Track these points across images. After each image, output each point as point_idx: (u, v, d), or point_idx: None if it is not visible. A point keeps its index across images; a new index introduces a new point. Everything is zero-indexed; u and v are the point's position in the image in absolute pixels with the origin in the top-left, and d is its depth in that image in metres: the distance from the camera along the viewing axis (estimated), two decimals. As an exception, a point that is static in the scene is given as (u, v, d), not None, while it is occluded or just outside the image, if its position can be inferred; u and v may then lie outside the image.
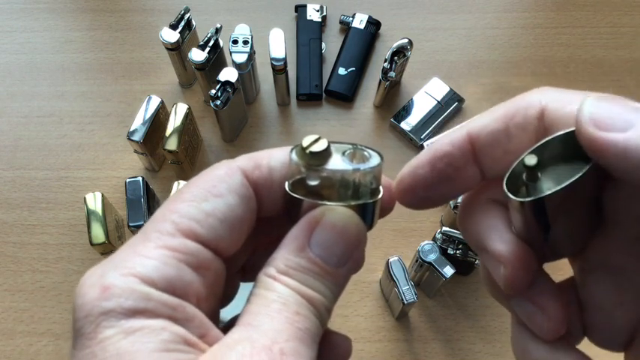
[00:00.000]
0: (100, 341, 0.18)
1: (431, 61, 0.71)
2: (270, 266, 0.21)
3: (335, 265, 0.21)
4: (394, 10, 0.74)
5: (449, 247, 0.54)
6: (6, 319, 0.58)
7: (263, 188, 0.23)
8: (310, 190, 0.22)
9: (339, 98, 0.69)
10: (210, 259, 0.21)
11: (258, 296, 0.21)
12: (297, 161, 0.22)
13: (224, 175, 0.22)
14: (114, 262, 0.20)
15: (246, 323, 0.20)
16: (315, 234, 0.21)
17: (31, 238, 0.61)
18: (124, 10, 0.75)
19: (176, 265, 0.20)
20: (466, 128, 0.23)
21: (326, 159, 0.22)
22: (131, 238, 0.21)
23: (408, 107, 0.67)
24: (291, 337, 0.19)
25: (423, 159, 0.23)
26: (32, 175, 0.65)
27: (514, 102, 0.22)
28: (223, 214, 0.21)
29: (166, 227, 0.21)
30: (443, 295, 0.59)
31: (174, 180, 0.57)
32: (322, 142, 0.22)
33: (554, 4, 0.75)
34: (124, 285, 0.19)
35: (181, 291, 0.20)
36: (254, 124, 0.68)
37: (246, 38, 0.62)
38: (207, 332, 0.20)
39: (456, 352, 0.57)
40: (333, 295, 0.22)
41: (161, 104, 0.60)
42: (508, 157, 0.22)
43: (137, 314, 0.19)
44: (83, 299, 0.20)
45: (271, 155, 0.23)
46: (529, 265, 0.22)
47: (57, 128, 0.67)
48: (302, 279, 0.21)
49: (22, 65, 0.71)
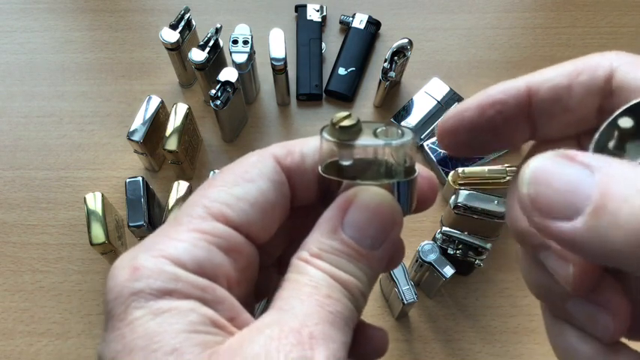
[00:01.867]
0: (130, 322, 0.18)
1: (431, 61, 0.71)
2: (302, 250, 0.21)
3: (369, 247, 0.21)
4: (394, 10, 0.74)
5: (449, 247, 0.54)
6: (6, 319, 0.58)
7: (296, 174, 0.23)
8: (343, 172, 0.22)
9: (339, 98, 0.69)
10: (241, 243, 0.21)
11: (290, 280, 0.20)
12: (329, 138, 0.21)
13: (256, 161, 0.22)
14: (145, 245, 0.20)
15: (277, 307, 0.19)
16: (348, 215, 0.21)
17: (31, 238, 0.61)
18: (124, 10, 0.75)
19: (206, 247, 0.20)
20: (526, 79, 0.22)
21: (357, 134, 0.21)
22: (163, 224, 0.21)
23: (408, 107, 0.67)
24: (322, 321, 0.19)
25: (472, 102, 0.22)
26: (32, 175, 0.65)
27: (582, 60, 0.21)
28: (254, 199, 0.21)
29: (197, 211, 0.21)
30: (443, 295, 0.59)
31: (174, 180, 0.57)
32: (352, 118, 0.21)
33: (554, 4, 0.75)
34: (153, 266, 0.19)
35: (211, 273, 0.20)
36: (254, 124, 0.68)
37: (246, 38, 0.62)
38: (237, 316, 0.20)
39: (456, 352, 0.57)
40: (368, 279, 0.21)
41: (161, 104, 0.60)
42: (565, 116, 0.21)
43: (166, 295, 0.19)
44: (114, 281, 0.19)
45: (304, 142, 0.23)
46: None
47: (57, 128, 0.67)
48: (335, 262, 0.20)
49: (22, 65, 0.71)
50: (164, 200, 0.57)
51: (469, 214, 0.54)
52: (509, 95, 0.22)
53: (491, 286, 0.59)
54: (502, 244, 0.60)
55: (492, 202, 0.53)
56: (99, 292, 0.59)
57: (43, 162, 0.65)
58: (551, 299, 0.23)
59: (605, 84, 0.20)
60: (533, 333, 0.57)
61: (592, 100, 0.21)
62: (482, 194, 0.54)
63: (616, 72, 0.20)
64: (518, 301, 0.58)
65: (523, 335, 0.57)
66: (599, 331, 0.21)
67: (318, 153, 0.23)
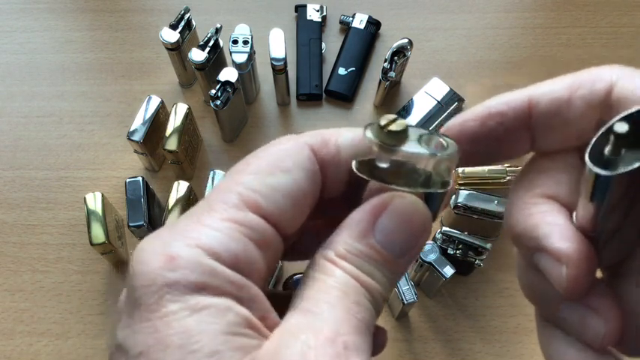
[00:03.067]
0: (164, 315, 0.18)
1: (431, 61, 0.71)
2: (328, 249, 0.20)
3: (397, 255, 0.21)
4: (394, 10, 0.74)
5: (449, 247, 0.54)
6: (6, 319, 0.58)
7: (329, 166, 0.22)
8: (377, 172, 0.21)
9: (339, 98, 0.69)
10: (272, 236, 0.20)
11: (316, 280, 0.20)
12: (373, 139, 0.20)
13: (291, 149, 0.22)
14: (177, 230, 0.20)
15: (305, 309, 0.19)
16: (381, 220, 0.20)
17: (31, 238, 0.61)
18: (124, 10, 0.75)
19: (242, 240, 0.19)
20: (527, 92, 0.22)
21: (402, 140, 0.20)
22: (193, 207, 0.21)
23: (408, 107, 0.67)
24: (353, 330, 0.19)
25: (475, 113, 0.22)
26: (32, 175, 0.65)
27: (582, 73, 0.21)
28: (289, 190, 0.21)
29: (232, 199, 0.20)
30: (443, 295, 0.59)
31: (174, 180, 0.57)
32: (401, 122, 0.20)
33: (554, 4, 0.75)
34: (189, 256, 0.18)
35: (246, 269, 0.19)
36: (254, 124, 0.68)
37: (246, 38, 0.62)
38: (268, 315, 0.19)
39: (456, 352, 0.57)
40: (391, 284, 0.21)
41: (161, 104, 0.60)
42: (565, 129, 0.21)
43: (202, 290, 0.18)
44: (146, 267, 0.18)
45: (340, 133, 0.23)
46: (593, 264, 0.20)
47: (57, 128, 0.67)
48: (362, 266, 0.20)
49: (22, 65, 0.71)
50: (164, 200, 0.57)
51: (469, 214, 0.54)
52: (510, 108, 0.22)
53: (491, 286, 0.59)
54: (502, 244, 0.60)
55: (492, 202, 0.53)
56: (99, 292, 0.59)
57: (43, 162, 0.65)
58: (543, 302, 0.23)
59: (604, 97, 0.20)
60: (533, 333, 0.56)
61: (592, 113, 0.21)
62: (482, 194, 0.54)
63: (616, 85, 0.20)
64: (518, 301, 0.58)
65: (523, 335, 0.57)
66: (590, 337, 0.21)
67: (353, 147, 0.22)
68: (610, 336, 0.20)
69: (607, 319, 0.20)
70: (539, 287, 0.22)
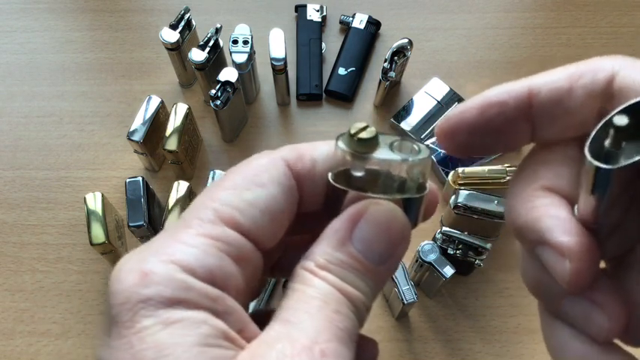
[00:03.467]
0: (138, 331, 0.18)
1: (431, 61, 0.71)
2: (308, 260, 0.21)
3: (377, 262, 0.20)
4: (394, 10, 0.74)
5: (449, 247, 0.54)
6: (6, 319, 0.58)
7: (305, 180, 0.22)
8: (354, 182, 0.21)
9: (339, 98, 0.69)
10: (250, 251, 0.21)
11: (296, 291, 0.20)
12: (344, 149, 0.21)
13: (267, 165, 0.22)
14: (153, 247, 0.20)
15: (285, 320, 0.19)
16: (358, 228, 0.20)
17: (31, 238, 0.61)
18: (124, 10, 0.75)
19: (217, 255, 0.19)
20: (527, 81, 0.22)
21: (374, 147, 0.21)
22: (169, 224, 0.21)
23: (408, 107, 0.67)
24: (332, 338, 0.19)
25: (474, 103, 0.22)
26: (32, 175, 0.65)
27: (583, 63, 0.21)
28: (265, 205, 0.21)
29: (207, 215, 0.20)
30: (443, 295, 0.59)
31: (174, 180, 0.56)
32: (370, 130, 0.21)
33: (554, 4, 0.75)
34: (163, 272, 0.19)
35: (222, 282, 0.19)
36: (254, 124, 0.68)
37: (246, 38, 0.62)
38: (245, 327, 0.19)
39: (456, 352, 0.57)
40: (373, 293, 0.21)
41: (161, 104, 0.60)
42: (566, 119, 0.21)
43: (176, 304, 0.18)
44: (121, 285, 0.19)
45: (315, 147, 0.23)
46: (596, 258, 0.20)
47: (57, 128, 0.67)
48: (342, 275, 0.20)
49: (22, 65, 0.71)
50: (164, 200, 0.57)
51: (469, 214, 0.54)
52: (510, 97, 0.21)
53: (491, 286, 0.59)
54: (502, 244, 0.60)
55: (492, 202, 0.53)
56: (99, 292, 0.59)
57: (43, 162, 0.65)
58: (547, 297, 0.23)
59: (606, 87, 0.20)
60: (533, 333, 0.57)
61: (593, 104, 0.21)
62: (482, 194, 0.54)
63: (617, 75, 0.20)
64: (518, 301, 0.58)
65: (523, 335, 0.57)
66: (594, 330, 0.21)
67: (329, 160, 0.22)
68: (614, 330, 0.20)
69: (611, 313, 0.20)
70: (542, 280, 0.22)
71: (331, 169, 0.22)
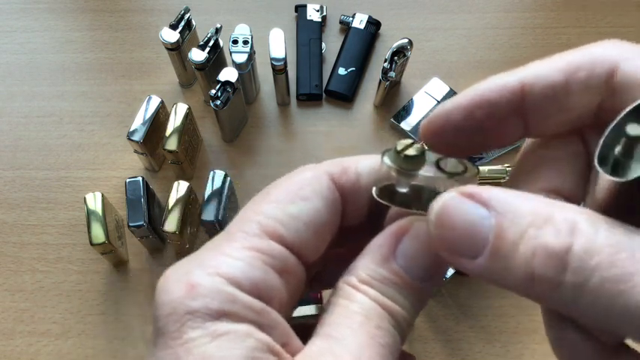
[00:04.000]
0: (185, 342, 0.18)
1: (431, 61, 0.71)
2: (351, 275, 0.20)
3: (420, 279, 0.20)
4: (394, 10, 0.74)
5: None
6: (6, 319, 0.58)
7: (349, 194, 0.22)
8: (398, 198, 0.21)
9: (339, 98, 0.69)
10: (294, 264, 0.21)
11: (338, 306, 0.20)
12: (391, 165, 0.20)
13: (311, 179, 0.22)
14: (198, 259, 0.20)
15: (327, 334, 0.19)
16: (402, 245, 0.20)
17: (31, 238, 0.61)
18: (124, 10, 0.75)
19: (262, 268, 0.19)
20: (519, 76, 0.20)
21: (420, 164, 0.20)
22: (214, 237, 0.21)
23: (408, 107, 0.67)
24: (375, 355, 0.19)
25: (460, 102, 0.21)
26: (32, 175, 0.65)
27: (580, 52, 0.20)
28: (309, 218, 0.21)
29: (252, 228, 0.20)
30: (443, 295, 0.59)
31: (174, 180, 0.56)
32: (417, 147, 0.20)
33: (554, 4, 0.75)
34: (210, 284, 0.19)
35: (266, 295, 0.19)
36: (254, 124, 0.68)
37: (246, 38, 0.62)
38: (289, 341, 0.19)
39: (456, 352, 0.57)
40: (415, 309, 0.21)
41: (161, 104, 0.60)
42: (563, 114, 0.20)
43: (223, 317, 0.18)
44: (168, 296, 0.19)
45: (359, 161, 0.23)
46: None
47: (57, 128, 0.67)
48: (384, 291, 0.20)
49: (22, 65, 0.71)
50: (164, 200, 0.57)
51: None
52: (501, 95, 0.21)
53: (491, 286, 0.59)
54: (502, 244, 0.60)
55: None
56: (99, 292, 0.59)
57: (43, 162, 0.65)
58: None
59: (606, 80, 0.19)
60: (534, 333, 0.57)
61: (591, 99, 0.20)
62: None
63: (619, 67, 0.19)
64: (518, 301, 0.58)
65: (523, 335, 0.57)
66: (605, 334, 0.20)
67: (373, 174, 0.22)
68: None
69: None
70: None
71: (375, 184, 0.22)
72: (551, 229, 0.17)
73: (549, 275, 0.16)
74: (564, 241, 0.16)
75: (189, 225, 0.57)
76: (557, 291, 0.16)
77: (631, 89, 0.18)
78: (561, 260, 0.16)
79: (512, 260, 0.17)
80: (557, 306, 0.17)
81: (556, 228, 0.17)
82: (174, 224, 0.53)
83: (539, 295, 0.17)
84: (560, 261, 0.16)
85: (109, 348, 0.57)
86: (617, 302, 0.16)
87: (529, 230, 0.17)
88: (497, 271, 0.17)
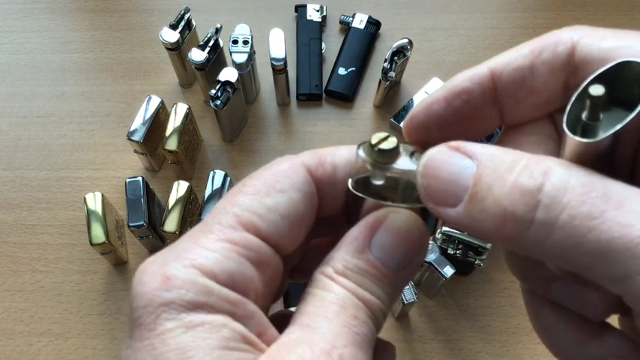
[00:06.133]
0: (160, 333, 0.18)
1: (431, 61, 0.71)
2: (327, 265, 0.21)
3: (395, 270, 0.21)
4: (394, 10, 0.74)
5: (449, 247, 0.54)
6: (6, 319, 0.58)
7: (325, 186, 0.22)
8: (373, 189, 0.21)
9: (339, 98, 0.69)
10: (270, 255, 0.21)
11: (314, 296, 0.20)
12: (365, 158, 0.21)
13: (287, 170, 0.22)
14: (175, 251, 0.20)
15: (304, 324, 0.19)
16: (377, 236, 0.21)
17: (31, 238, 0.61)
18: (124, 10, 0.75)
19: (237, 260, 0.20)
20: (488, 64, 0.21)
21: (394, 158, 0.21)
22: (192, 228, 0.21)
23: (408, 107, 0.67)
24: (350, 343, 0.19)
25: (438, 95, 0.22)
26: (32, 175, 0.65)
27: (542, 38, 0.21)
28: (285, 210, 0.21)
29: (228, 220, 0.20)
30: (443, 295, 0.59)
31: (174, 180, 0.56)
32: (391, 140, 0.21)
33: (554, 4, 0.75)
34: (185, 276, 0.19)
35: (242, 287, 0.20)
36: (254, 124, 0.68)
37: (246, 38, 0.62)
38: (265, 331, 0.20)
39: (456, 352, 0.57)
40: (390, 299, 0.21)
41: (161, 104, 0.60)
42: (532, 98, 0.21)
43: (197, 308, 0.19)
44: (143, 288, 0.19)
45: (335, 152, 0.23)
46: None
47: (57, 128, 0.67)
48: (360, 281, 0.20)
49: (22, 65, 0.71)
50: (164, 200, 0.57)
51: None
52: (474, 82, 0.21)
53: (492, 286, 0.59)
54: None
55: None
56: (99, 292, 0.59)
57: (43, 162, 0.65)
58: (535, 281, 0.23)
59: (568, 59, 0.20)
60: (533, 333, 0.56)
61: (557, 78, 0.20)
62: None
63: (577, 45, 0.20)
64: (518, 301, 0.58)
65: (523, 335, 0.57)
66: (588, 311, 0.21)
67: (349, 166, 0.22)
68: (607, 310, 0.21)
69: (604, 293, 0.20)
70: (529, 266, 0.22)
71: (351, 176, 0.22)
72: (526, 172, 0.18)
73: (520, 213, 0.17)
74: (537, 180, 0.17)
75: (189, 225, 0.57)
76: (528, 230, 0.17)
77: (591, 64, 0.19)
78: (533, 198, 0.17)
79: (486, 201, 0.18)
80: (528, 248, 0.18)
81: (530, 170, 0.18)
82: (174, 224, 0.53)
83: (512, 237, 0.17)
84: (532, 199, 0.17)
85: (109, 348, 0.57)
86: (587, 239, 0.16)
87: (505, 174, 0.18)
88: (474, 215, 0.18)
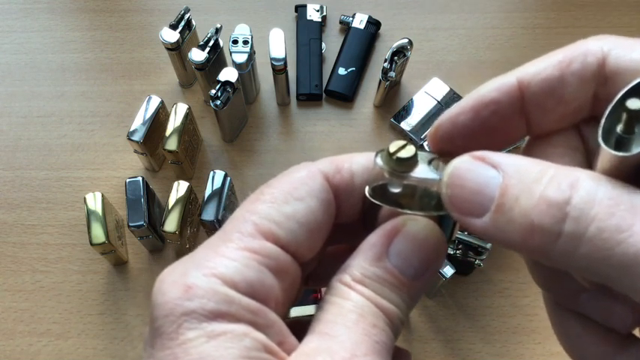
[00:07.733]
0: (182, 343, 0.18)
1: (431, 61, 0.71)
2: (345, 273, 0.21)
3: (412, 277, 0.21)
4: (394, 10, 0.74)
5: (449, 247, 0.54)
6: (6, 319, 0.58)
7: (343, 193, 0.22)
8: (391, 197, 0.21)
9: (339, 98, 0.69)
10: (288, 263, 0.21)
11: (333, 304, 0.20)
12: (383, 166, 0.21)
13: (305, 178, 0.22)
14: (194, 260, 0.20)
15: (323, 332, 0.19)
16: (395, 244, 0.21)
17: (31, 238, 0.61)
18: (124, 10, 0.75)
19: (257, 268, 0.20)
20: (516, 74, 0.21)
21: (412, 166, 0.21)
22: (210, 237, 0.21)
23: (408, 107, 0.67)
24: (369, 351, 0.19)
25: (465, 105, 0.22)
26: (32, 175, 0.65)
27: (571, 48, 0.21)
28: (304, 218, 0.21)
29: (247, 228, 0.20)
30: (443, 295, 0.59)
31: (174, 180, 0.56)
32: (410, 149, 0.21)
33: (554, 4, 0.75)
34: (206, 285, 0.19)
35: (262, 295, 0.20)
36: (254, 124, 0.68)
37: (246, 38, 0.62)
38: (285, 339, 0.20)
39: (456, 352, 0.57)
40: (408, 307, 0.21)
41: (161, 104, 0.60)
42: (560, 108, 0.21)
43: (219, 317, 0.18)
44: (164, 297, 0.19)
45: (353, 159, 0.23)
46: None
47: (57, 128, 0.67)
48: (378, 289, 0.20)
49: (22, 65, 0.71)
50: (164, 200, 0.57)
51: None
52: (502, 93, 0.21)
53: (491, 286, 0.59)
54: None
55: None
56: (99, 292, 0.59)
57: (43, 162, 0.65)
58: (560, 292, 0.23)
59: (598, 70, 0.20)
60: (533, 333, 0.57)
61: (586, 89, 0.20)
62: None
63: (608, 56, 0.20)
64: (518, 301, 0.58)
65: (523, 335, 0.57)
66: (615, 323, 0.21)
67: (367, 173, 0.22)
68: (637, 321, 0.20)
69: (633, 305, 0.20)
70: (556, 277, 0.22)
71: (369, 184, 0.22)
72: (553, 184, 0.17)
73: (548, 225, 0.17)
74: (565, 193, 0.17)
75: (189, 225, 0.57)
76: (556, 242, 0.17)
77: (621, 75, 0.19)
78: (561, 210, 0.17)
79: (513, 212, 0.18)
80: (555, 260, 0.17)
81: (558, 182, 0.17)
82: (174, 224, 0.53)
83: (539, 248, 0.17)
84: (560, 211, 0.17)
85: (109, 348, 0.57)
86: (615, 252, 0.16)
87: (532, 185, 0.18)
88: (501, 226, 0.18)
